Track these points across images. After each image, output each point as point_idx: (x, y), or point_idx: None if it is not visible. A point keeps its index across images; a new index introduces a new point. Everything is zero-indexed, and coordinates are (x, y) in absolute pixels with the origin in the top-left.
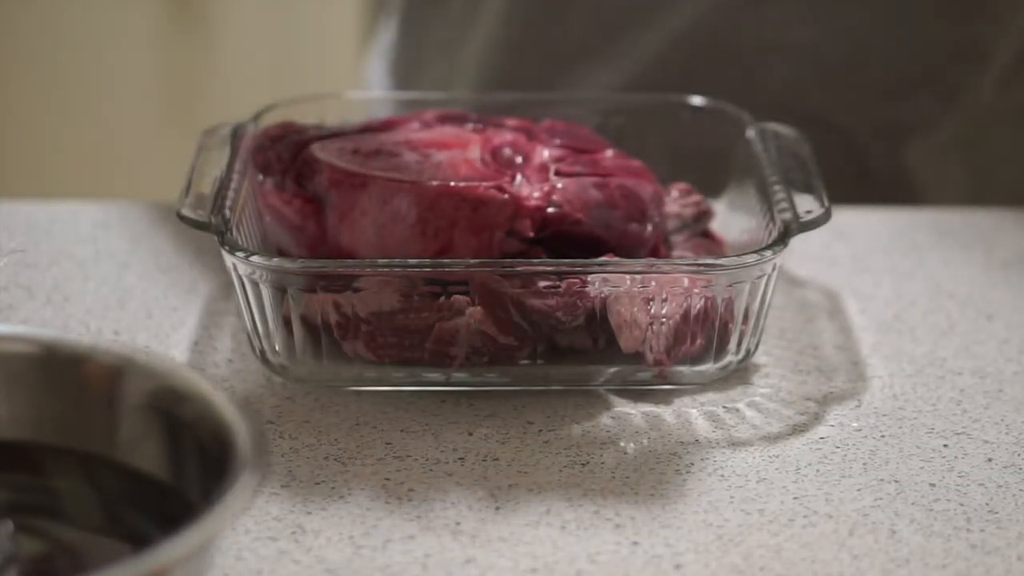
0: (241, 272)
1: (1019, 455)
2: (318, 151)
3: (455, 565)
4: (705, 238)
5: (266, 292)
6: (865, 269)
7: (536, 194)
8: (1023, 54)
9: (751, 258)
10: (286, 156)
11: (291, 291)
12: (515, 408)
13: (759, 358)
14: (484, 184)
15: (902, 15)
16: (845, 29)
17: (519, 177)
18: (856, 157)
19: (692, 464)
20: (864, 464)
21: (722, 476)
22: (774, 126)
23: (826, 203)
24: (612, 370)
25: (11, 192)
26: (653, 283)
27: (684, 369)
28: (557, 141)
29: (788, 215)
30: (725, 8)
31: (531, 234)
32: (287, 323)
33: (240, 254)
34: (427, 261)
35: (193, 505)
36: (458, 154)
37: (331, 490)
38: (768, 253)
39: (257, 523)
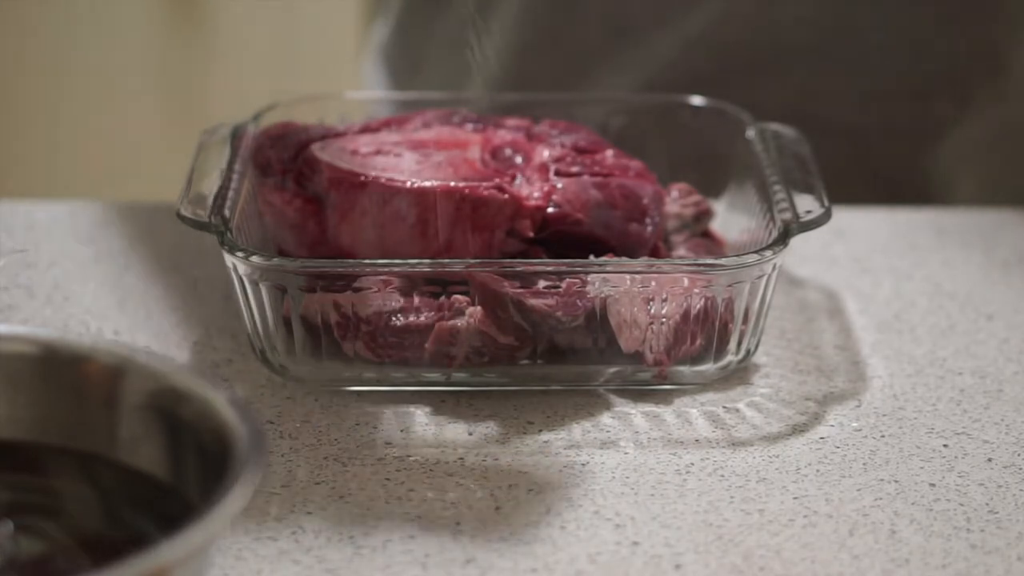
0: (241, 272)
1: (1019, 455)
2: (318, 151)
3: (455, 565)
4: (705, 238)
5: (266, 292)
6: (865, 269)
7: (536, 194)
8: None
9: (751, 258)
10: (286, 156)
11: (291, 291)
12: (515, 408)
13: (759, 358)
14: (484, 184)
15: (917, 18)
16: (859, 32)
17: (519, 177)
18: (871, 161)
19: (692, 464)
20: (864, 464)
21: (722, 476)
22: (774, 126)
23: (826, 203)
24: (612, 370)
25: (11, 192)
26: (653, 283)
27: (684, 369)
28: (557, 141)
29: (788, 215)
30: (739, 11)
31: (531, 234)
32: (287, 323)
33: (240, 254)
34: (427, 261)
35: (193, 505)
36: (458, 154)
37: (331, 490)
38: (768, 253)
39: (257, 523)
